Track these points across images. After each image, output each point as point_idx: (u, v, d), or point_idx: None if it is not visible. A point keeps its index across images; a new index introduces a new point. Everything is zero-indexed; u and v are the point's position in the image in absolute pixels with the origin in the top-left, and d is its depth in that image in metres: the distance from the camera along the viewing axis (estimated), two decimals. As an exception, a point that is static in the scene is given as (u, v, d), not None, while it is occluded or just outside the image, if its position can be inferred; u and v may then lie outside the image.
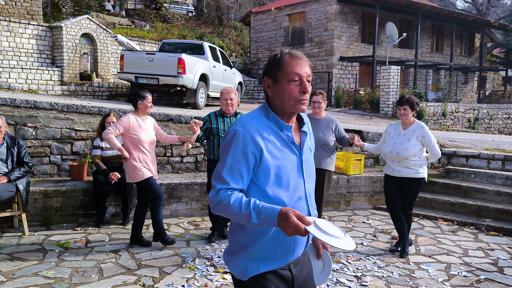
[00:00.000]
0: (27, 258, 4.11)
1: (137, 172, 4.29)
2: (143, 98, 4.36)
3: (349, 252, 4.55)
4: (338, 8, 17.55)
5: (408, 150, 4.34)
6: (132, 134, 4.29)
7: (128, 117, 4.32)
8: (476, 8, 36.34)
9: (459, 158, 7.14)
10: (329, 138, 4.70)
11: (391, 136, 4.53)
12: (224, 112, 4.65)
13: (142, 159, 4.34)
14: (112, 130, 4.22)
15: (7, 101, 5.76)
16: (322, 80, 17.94)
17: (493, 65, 27.32)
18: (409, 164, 4.37)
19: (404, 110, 4.38)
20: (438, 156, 4.42)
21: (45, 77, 11.90)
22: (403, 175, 4.42)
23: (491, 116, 16.91)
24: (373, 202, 6.59)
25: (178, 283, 3.64)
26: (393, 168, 4.48)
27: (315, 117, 4.80)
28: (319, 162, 4.68)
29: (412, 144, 4.35)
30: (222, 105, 4.63)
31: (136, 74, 10.01)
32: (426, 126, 4.48)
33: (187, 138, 4.48)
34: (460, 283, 3.86)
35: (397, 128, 4.53)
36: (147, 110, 4.43)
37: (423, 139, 4.37)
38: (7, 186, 4.43)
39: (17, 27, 11.93)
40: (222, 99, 4.59)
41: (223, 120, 4.67)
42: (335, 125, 4.80)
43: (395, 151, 4.41)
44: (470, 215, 5.90)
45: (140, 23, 21.77)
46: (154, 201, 4.38)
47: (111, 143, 4.23)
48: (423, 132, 4.38)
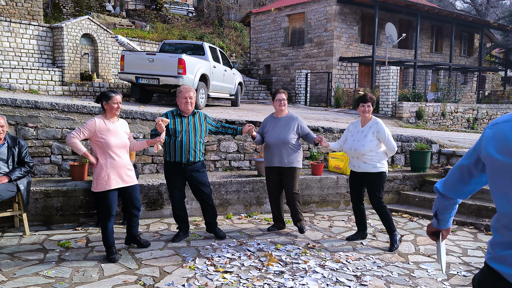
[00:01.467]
0: (28, 257, 4.12)
1: (100, 181, 3.94)
2: (108, 98, 3.99)
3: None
4: (337, 9, 17.58)
5: (364, 146, 4.56)
6: (99, 138, 3.94)
7: (94, 119, 3.99)
8: (475, 9, 36.37)
9: (458, 158, 7.16)
10: (289, 136, 4.86)
11: (352, 134, 4.76)
12: (182, 111, 4.46)
13: (111, 165, 3.97)
14: (76, 134, 3.92)
15: (8, 101, 5.78)
16: (321, 81, 17.96)
17: (492, 66, 27.34)
18: (367, 159, 4.58)
19: (368, 107, 4.62)
20: (394, 150, 4.63)
21: (45, 77, 11.92)
22: (362, 170, 4.64)
23: (490, 116, 16.93)
24: (373, 202, 6.60)
25: (178, 283, 3.65)
26: (353, 164, 4.72)
27: (278, 116, 5.01)
28: (282, 161, 4.86)
29: (368, 140, 4.56)
30: (180, 104, 4.42)
31: (137, 75, 10.03)
32: (381, 121, 4.69)
33: (155, 140, 4.15)
34: (460, 283, 3.88)
35: (357, 125, 4.79)
36: (114, 111, 4.02)
37: (378, 134, 4.58)
38: (8, 186, 4.45)
39: (18, 27, 11.95)
40: (181, 97, 4.39)
41: (181, 121, 4.45)
42: (296, 123, 4.95)
43: (353, 148, 4.64)
44: (469, 214, 5.92)
45: (141, 24, 21.80)
46: (104, 218, 4.05)
47: (74, 148, 3.94)
48: (378, 127, 4.59)
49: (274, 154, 4.88)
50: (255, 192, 6.01)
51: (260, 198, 6.06)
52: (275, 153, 4.88)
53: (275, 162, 4.89)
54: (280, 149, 4.85)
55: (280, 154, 4.85)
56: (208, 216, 4.77)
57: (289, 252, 4.47)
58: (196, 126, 4.50)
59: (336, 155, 6.73)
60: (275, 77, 19.63)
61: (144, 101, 10.88)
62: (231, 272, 3.89)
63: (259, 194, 6.04)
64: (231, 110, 11.07)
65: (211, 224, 4.81)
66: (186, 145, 4.42)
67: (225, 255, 4.30)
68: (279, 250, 4.51)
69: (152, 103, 11.29)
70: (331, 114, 12.29)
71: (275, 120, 5.01)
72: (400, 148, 7.52)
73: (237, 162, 6.67)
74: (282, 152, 4.86)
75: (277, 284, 3.66)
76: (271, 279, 3.76)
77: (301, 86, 16.98)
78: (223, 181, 5.87)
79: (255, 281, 3.69)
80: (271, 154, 4.92)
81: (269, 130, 4.96)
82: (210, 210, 4.73)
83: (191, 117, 4.50)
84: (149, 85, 10.13)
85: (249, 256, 4.30)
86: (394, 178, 6.67)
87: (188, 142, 4.42)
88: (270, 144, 4.92)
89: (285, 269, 4.00)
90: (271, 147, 4.91)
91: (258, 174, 6.23)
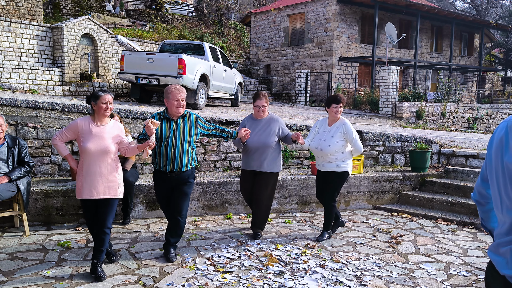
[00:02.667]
0: (28, 257, 4.12)
1: (77, 188, 3.70)
2: (96, 98, 3.61)
3: (349, 252, 4.57)
4: (337, 9, 17.58)
5: (330, 147, 4.62)
6: (80, 142, 3.63)
7: (77, 120, 3.68)
8: (475, 9, 36.37)
9: (458, 158, 7.16)
10: (270, 139, 4.71)
11: (318, 133, 4.80)
12: (172, 114, 3.99)
13: (86, 172, 3.60)
14: (59, 136, 3.71)
15: (8, 101, 5.78)
16: (321, 81, 17.96)
17: (492, 65, 27.34)
18: (331, 159, 4.67)
19: (340, 108, 4.67)
20: (361, 151, 4.77)
21: (45, 77, 11.92)
22: (326, 169, 4.73)
23: (490, 116, 16.94)
24: (373, 202, 6.61)
25: (178, 283, 3.65)
26: (319, 162, 4.81)
27: (258, 118, 4.86)
28: (261, 165, 4.69)
29: (334, 141, 4.63)
30: (171, 107, 3.94)
31: (137, 75, 10.03)
32: (349, 122, 4.75)
33: (145, 145, 3.67)
34: (460, 283, 3.87)
35: (323, 124, 4.83)
36: (103, 112, 3.62)
37: (345, 135, 4.65)
38: (8, 186, 4.45)
39: (18, 27, 11.95)
40: (172, 99, 3.91)
41: (169, 125, 3.98)
42: (277, 125, 4.80)
43: (319, 148, 4.69)
44: (470, 214, 5.92)
45: (141, 24, 21.80)
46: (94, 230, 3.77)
47: (57, 150, 3.74)
48: (345, 128, 4.65)
49: (254, 158, 4.71)
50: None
51: (260, 198, 6.05)
52: (255, 157, 4.71)
53: (253, 166, 4.73)
54: (261, 152, 4.67)
55: (260, 158, 4.68)
56: (174, 234, 4.16)
57: (289, 252, 4.47)
58: (186, 131, 4.02)
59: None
60: (275, 77, 19.63)
61: (144, 101, 10.88)
62: (231, 272, 3.89)
63: (259, 194, 6.03)
64: (231, 110, 11.07)
65: (173, 244, 4.19)
66: (172, 153, 3.96)
67: (225, 255, 4.30)
68: (279, 250, 4.51)
69: (152, 103, 11.29)
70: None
71: (255, 122, 4.82)
72: (400, 148, 7.52)
73: (237, 162, 6.67)
74: (262, 156, 4.68)
75: (277, 284, 3.66)
76: (271, 279, 3.76)
77: (301, 86, 16.98)
78: (223, 181, 5.87)
79: (255, 281, 3.69)
80: (250, 157, 4.73)
81: None
82: (178, 228, 4.16)
83: (180, 120, 4.01)
84: (149, 85, 10.13)
85: (249, 256, 4.30)
86: (394, 178, 6.67)
87: (174, 149, 3.96)
88: (250, 147, 4.71)
89: (285, 269, 4.00)
90: (250, 150, 4.72)
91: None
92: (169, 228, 4.19)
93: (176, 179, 4.05)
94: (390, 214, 6.23)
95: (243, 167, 4.89)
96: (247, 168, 4.83)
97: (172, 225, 4.15)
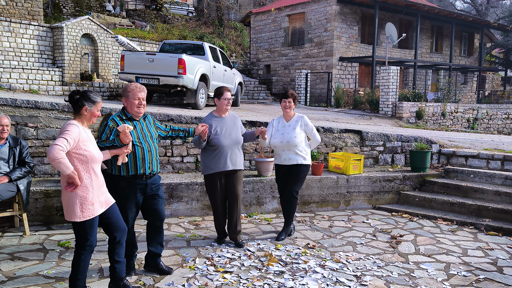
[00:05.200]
0: (28, 257, 4.12)
1: (87, 207, 3.08)
2: (92, 103, 3.14)
3: (349, 252, 4.57)
4: (337, 9, 17.58)
5: (296, 138, 4.81)
6: (82, 150, 3.05)
7: (75, 125, 3.06)
8: (475, 9, 36.36)
9: (458, 158, 7.16)
10: (240, 136, 4.67)
11: (277, 129, 4.94)
12: (133, 114, 3.64)
13: (96, 185, 3.15)
14: (63, 146, 2.89)
15: (8, 101, 5.78)
16: (322, 81, 17.96)
17: (492, 66, 27.32)
18: (298, 150, 4.83)
19: (289, 103, 4.89)
20: (319, 141, 5.05)
21: (46, 77, 11.92)
22: (293, 162, 4.83)
23: (490, 116, 16.93)
24: (373, 202, 6.61)
25: (178, 283, 3.66)
26: (284, 157, 4.86)
27: (222, 115, 4.65)
28: (234, 163, 4.52)
29: (297, 132, 4.84)
30: (131, 106, 3.59)
31: (137, 75, 10.03)
32: (305, 116, 5.02)
33: (121, 150, 3.42)
34: (460, 283, 3.88)
35: (280, 121, 5.00)
36: (93, 119, 3.21)
37: (305, 127, 4.92)
38: (8, 186, 4.45)
39: (18, 27, 11.95)
40: (132, 98, 3.58)
41: (133, 126, 3.62)
42: (239, 121, 4.80)
43: (285, 140, 4.82)
44: (470, 215, 5.92)
45: (141, 24, 21.80)
46: (115, 239, 3.34)
47: (61, 165, 2.86)
48: (305, 121, 4.94)
49: (227, 157, 4.46)
50: (255, 192, 6.01)
51: (260, 198, 6.06)
52: (227, 155, 4.46)
53: (229, 165, 4.47)
54: (233, 150, 4.51)
55: (232, 156, 4.49)
56: (155, 245, 3.87)
57: (289, 252, 4.47)
58: (151, 131, 3.77)
59: (336, 155, 6.74)
60: (275, 77, 19.63)
61: (144, 101, 10.87)
62: (231, 272, 3.89)
63: (259, 194, 6.04)
64: (231, 110, 11.05)
65: (158, 256, 3.89)
66: (149, 153, 3.65)
67: (225, 255, 4.30)
68: (279, 250, 4.51)
69: (152, 103, 11.29)
70: (331, 114, 12.28)
71: (221, 120, 4.60)
72: (400, 148, 7.52)
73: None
74: (233, 154, 4.51)
75: (277, 284, 3.66)
76: (271, 279, 3.77)
77: (301, 86, 16.98)
78: (223, 181, 5.86)
79: (255, 281, 3.69)
80: (223, 156, 4.45)
81: (217, 131, 4.48)
82: (160, 237, 3.89)
83: (142, 121, 3.72)
84: (149, 85, 10.12)
85: (249, 256, 4.30)
86: (394, 178, 6.67)
87: (149, 149, 3.66)
88: (223, 145, 4.45)
89: (285, 269, 4.00)
90: (223, 149, 4.45)
91: (258, 174, 6.23)
92: (153, 241, 3.85)
93: (150, 182, 3.71)
94: (390, 214, 6.23)
95: (214, 169, 4.50)
96: (220, 170, 4.50)
97: (157, 236, 3.86)
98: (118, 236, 3.33)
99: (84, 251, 3.17)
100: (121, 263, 3.40)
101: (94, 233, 3.19)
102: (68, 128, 3.00)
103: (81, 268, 3.18)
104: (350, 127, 8.28)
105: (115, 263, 3.38)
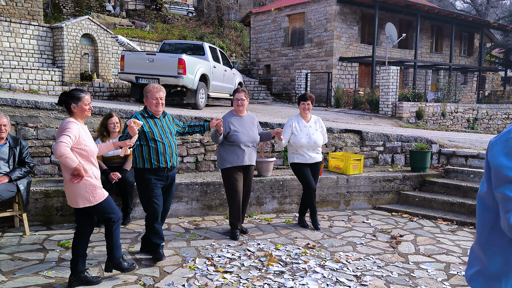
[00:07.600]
0: (28, 257, 4.12)
1: (97, 191, 3.44)
2: (77, 100, 3.36)
3: (349, 252, 4.57)
4: (337, 9, 17.58)
5: (321, 139, 5.16)
6: (83, 146, 3.35)
7: (73, 122, 3.34)
8: (475, 9, 36.37)
9: (458, 158, 7.16)
10: (257, 135, 4.94)
11: (300, 129, 5.08)
12: (153, 112, 4.04)
13: (96, 175, 3.49)
14: (68, 142, 3.19)
15: (8, 101, 5.78)
16: (321, 81, 17.96)
17: (492, 66, 27.33)
18: (319, 150, 5.21)
19: (308, 105, 5.09)
20: (326, 141, 5.41)
21: (45, 77, 11.92)
22: (316, 160, 5.16)
23: (490, 116, 16.94)
24: (373, 202, 6.61)
25: (178, 283, 3.65)
26: (307, 156, 5.09)
27: (240, 115, 4.94)
28: (251, 159, 4.86)
29: (320, 134, 5.18)
30: (150, 105, 4.00)
31: (137, 75, 10.04)
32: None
33: (124, 143, 3.68)
34: (460, 283, 3.88)
35: (299, 121, 5.17)
36: (86, 114, 3.42)
37: (321, 129, 5.23)
38: (8, 186, 4.45)
39: (18, 27, 11.95)
40: (151, 98, 3.97)
41: (155, 123, 4.04)
42: (257, 121, 5.03)
43: (312, 141, 5.07)
44: (470, 214, 5.92)
45: (141, 24, 21.80)
46: (114, 222, 3.58)
47: (68, 160, 3.18)
48: (321, 123, 5.26)
49: (244, 153, 4.75)
50: (255, 192, 6.01)
51: (260, 198, 6.06)
52: (245, 151, 4.76)
53: (246, 160, 4.77)
54: (249, 147, 4.81)
55: (249, 153, 4.79)
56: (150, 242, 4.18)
57: (289, 252, 4.47)
58: (170, 128, 4.17)
59: (336, 155, 6.74)
60: (275, 77, 19.63)
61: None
62: (231, 272, 3.89)
63: (259, 194, 6.04)
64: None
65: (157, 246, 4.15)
66: (169, 148, 4.06)
67: (225, 255, 4.30)
68: (279, 250, 4.51)
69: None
70: (331, 114, 12.29)
71: (240, 118, 4.88)
72: (400, 148, 7.52)
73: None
74: (250, 150, 4.81)
75: (277, 284, 3.66)
76: (271, 279, 3.77)
77: (301, 86, 16.98)
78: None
79: (255, 281, 3.69)
80: (241, 152, 4.74)
81: (237, 128, 4.77)
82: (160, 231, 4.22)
83: (162, 119, 4.12)
84: (149, 85, 10.12)
85: (249, 256, 4.30)
86: (394, 178, 6.67)
87: (169, 144, 4.07)
88: (242, 142, 4.73)
89: (285, 269, 4.00)
90: (241, 145, 4.74)
91: (258, 174, 6.23)
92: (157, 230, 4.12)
93: (171, 175, 4.16)
94: (390, 214, 6.23)
95: (233, 163, 4.77)
96: (239, 164, 4.79)
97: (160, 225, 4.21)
98: (114, 217, 3.57)
99: (113, 223, 3.57)
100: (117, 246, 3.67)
101: (115, 207, 3.57)
102: (68, 126, 3.29)
103: (114, 238, 3.60)
104: (350, 127, 8.29)
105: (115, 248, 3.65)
